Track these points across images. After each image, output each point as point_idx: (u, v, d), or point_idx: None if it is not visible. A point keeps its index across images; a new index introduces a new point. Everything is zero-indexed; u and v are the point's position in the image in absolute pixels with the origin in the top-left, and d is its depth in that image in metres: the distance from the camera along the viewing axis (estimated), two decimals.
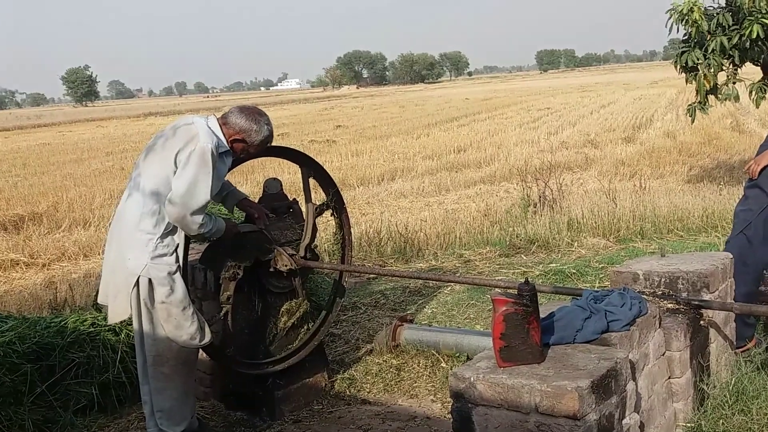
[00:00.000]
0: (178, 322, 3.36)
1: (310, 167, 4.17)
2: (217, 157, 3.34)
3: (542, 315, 2.64)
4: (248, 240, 3.82)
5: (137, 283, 3.31)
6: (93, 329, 4.15)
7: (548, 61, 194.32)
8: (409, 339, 4.57)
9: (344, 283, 4.46)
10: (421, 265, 6.88)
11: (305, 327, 4.19)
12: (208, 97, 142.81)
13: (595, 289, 4.23)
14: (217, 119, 3.51)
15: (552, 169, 10.33)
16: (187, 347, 3.45)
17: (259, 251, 3.87)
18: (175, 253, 3.36)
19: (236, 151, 3.53)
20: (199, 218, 3.32)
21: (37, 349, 3.96)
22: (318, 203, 4.21)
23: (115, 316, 3.44)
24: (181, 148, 3.30)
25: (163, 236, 3.33)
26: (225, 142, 3.46)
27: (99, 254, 8.84)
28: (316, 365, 4.26)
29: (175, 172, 3.30)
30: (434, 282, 5.92)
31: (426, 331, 4.63)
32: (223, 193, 3.85)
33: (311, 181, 4.17)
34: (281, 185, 4.19)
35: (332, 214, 4.37)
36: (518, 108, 34.92)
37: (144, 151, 3.49)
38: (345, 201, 4.45)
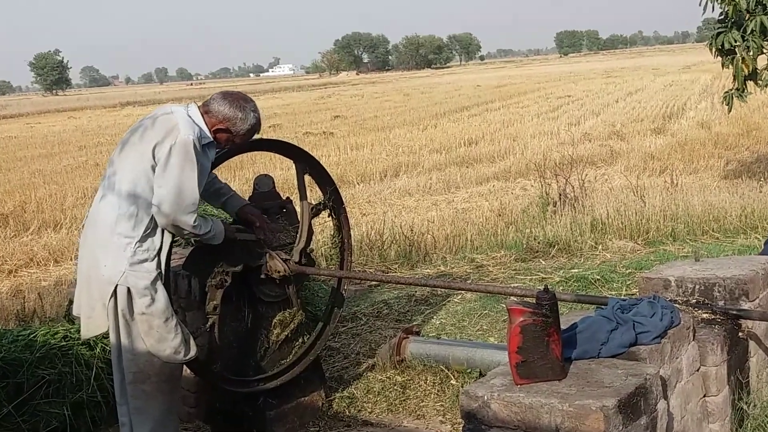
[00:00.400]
0: (160, 334, 3.37)
1: (306, 162, 4.17)
2: (200, 150, 3.35)
3: (563, 326, 2.64)
4: (237, 243, 3.82)
5: (114, 292, 3.31)
6: (65, 343, 4.15)
7: (569, 43, 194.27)
8: (416, 353, 4.57)
9: (343, 291, 4.46)
10: (428, 270, 6.88)
11: (300, 340, 4.20)
12: (191, 84, 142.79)
13: (622, 297, 4.22)
14: (198, 107, 3.51)
15: (573, 164, 10.32)
16: (171, 362, 3.45)
17: (249, 256, 3.88)
18: (156, 259, 3.36)
19: (220, 141, 3.53)
20: (190, 218, 3.32)
21: (3, 366, 3.96)
22: (314, 202, 4.21)
23: (90, 330, 3.43)
24: (159, 141, 3.30)
25: (143, 239, 3.33)
26: (208, 133, 3.46)
27: (71, 260, 8.86)
28: (312, 382, 4.26)
29: (153, 167, 3.30)
30: (443, 290, 5.91)
31: (434, 345, 4.62)
32: (222, 198, 3.85)
33: (306, 177, 4.17)
34: (273, 182, 4.20)
35: (330, 215, 4.37)
36: (536, 96, 34.92)
37: (119, 145, 3.49)
38: (344, 200, 4.45)
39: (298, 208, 4.19)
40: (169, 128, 3.32)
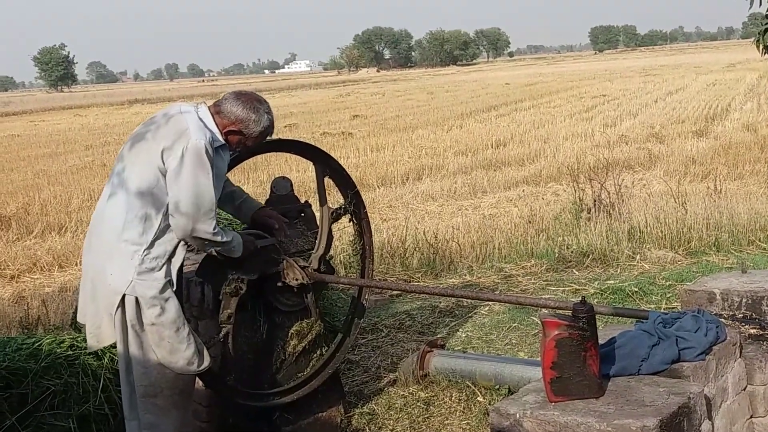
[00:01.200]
0: (171, 345, 3.39)
1: (326, 164, 4.19)
2: (213, 154, 3.37)
3: (601, 341, 2.63)
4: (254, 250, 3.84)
5: (122, 302, 3.32)
6: (71, 352, 4.18)
7: (604, 39, 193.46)
8: (440, 368, 4.57)
9: (364, 301, 4.47)
10: (453, 280, 6.88)
11: (318, 352, 4.21)
12: (203, 81, 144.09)
13: (663, 311, 4.20)
14: (209, 108, 3.53)
15: (609, 168, 10.28)
16: (184, 374, 3.47)
17: (265, 263, 3.90)
18: (166, 266, 3.37)
19: (231, 144, 3.55)
20: (209, 225, 3.34)
21: (7, 375, 3.99)
22: (334, 207, 4.23)
23: (96, 342, 3.45)
24: (167, 146, 3.31)
25: (151, 246, 3.33)
26: (219, 136, 3.48)
27: (76, 265, 8.95)
28: (331, 397, 4.28)
29: (163, 173, 3.32)
30: (469, 300, 5.92)
31: (460, 359, 4.62)
32: (236, 202, 3.87)
33: (326, 180, 4.19)
34: (291, 185, 4.22)
35: (350, 220, 4.39)
36: (568, 95, 34.79)
37: (129, 140, 3.50)
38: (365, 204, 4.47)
39: (317, 213, 4.21)
40: (179, 132, 3.34)
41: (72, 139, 27.47)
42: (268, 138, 3.70)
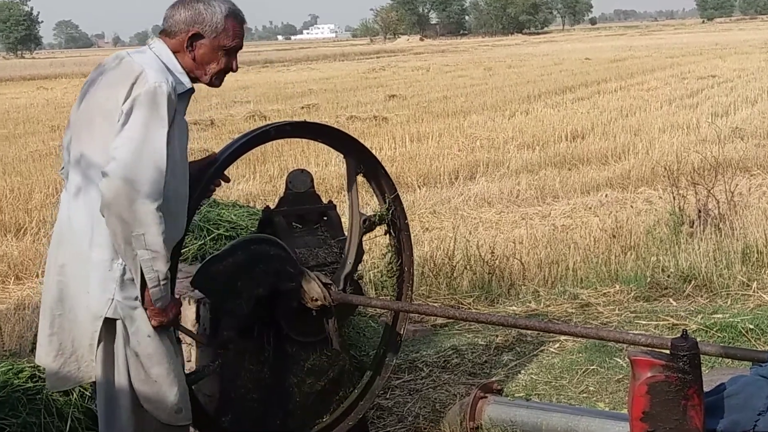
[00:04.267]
0: (159, 386, 3.38)
1: (361, 159, 4.22)
2: (176, 102, 3.30)
3: (706, 388, 2.62)
4: (262, 258, 3.88)
5: (102, 327, 3.32)
6: (32, 385, 4.26)
7: (715, 5, 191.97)
8: (496, 418, 4.57)
9: (400, 331, 4.50)
10: (514, 308, 6.88)
11: (340, 393, 4.24)
12: None
13: None
14: (162, 39, 3.48)
15: (719, 170, 10.18)
16: (171, 425, 3.47)
17: (276, 275, 3.93)
18: None
19: (206, 64, 3.47)
20: (152, 207, 3.14)
21: None
22: (367, 214, 4.26)
23: (64, 381, 3.44)
24: (125, 103, 3.23)
25: None
26: (185, 77, 3.42)
27: (38, 276, 9.05)
28: None
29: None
30: (534, 334, 5.92)
31: (521, 408, 4.62)
32: None
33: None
34: (312, 180, 4.26)
35: (387, 232, 4.42)
36: (667, 75, 34.54)
37: (77, 100, 3.47)
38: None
39: (345, 218, 4.25)
40: (132, 78, 3.26)
41: (34, 117, 27.77)
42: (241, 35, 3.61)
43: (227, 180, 3.89)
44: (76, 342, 3.38)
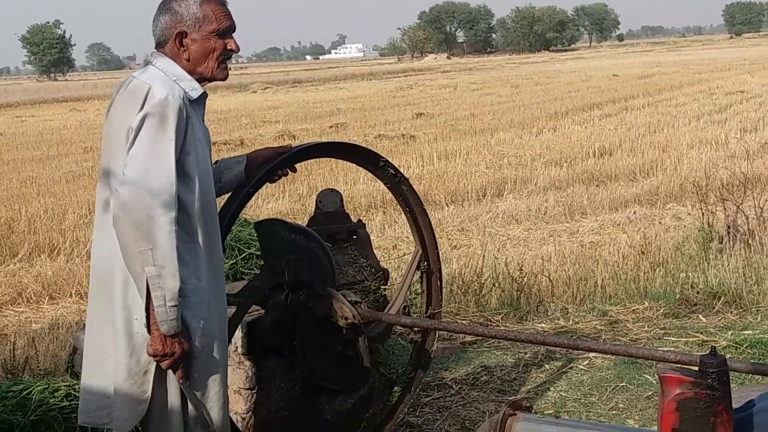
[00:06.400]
0: (205, 407, 3.35)
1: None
2: (190, 110, 3.30)
3: (735, 404, 2.61)
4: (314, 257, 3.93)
5: None
6: (68, 403, 4.29)
7: (743, 20, 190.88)
8: None
9: (430, 348, 4.51)
10: (543, 325, 6.87)
11: (370, 411, 4.25)
12: (229, 68, 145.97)
13: None
14: (159, 53, 3.48)
15: (748, 186, 10.12)
16: None
17: (313, 280, 3.97)
18: (200, 279, 3.31)
19: (201, 57, 3.44)
20: (162, 220, 3.10)
21: None
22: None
23: (127, 420, 3.30)
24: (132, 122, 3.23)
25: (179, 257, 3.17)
26: (193, 83, 3.41)
27: (71, 296, 9.14)
28: None
29: None
30: (563, 351, 5.90)
31: (551, 426, 4.59)
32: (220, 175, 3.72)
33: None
34: (342, 200, 4.29)
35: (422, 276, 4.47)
36: (695, 91, 34.38)
37: (104, 124, 3.50)
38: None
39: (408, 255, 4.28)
40: (142, 95, 3.27)
41: (67, 138, 27.99)
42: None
43: (294, 170, 3.98)
44: (122, 380, 3.29)
